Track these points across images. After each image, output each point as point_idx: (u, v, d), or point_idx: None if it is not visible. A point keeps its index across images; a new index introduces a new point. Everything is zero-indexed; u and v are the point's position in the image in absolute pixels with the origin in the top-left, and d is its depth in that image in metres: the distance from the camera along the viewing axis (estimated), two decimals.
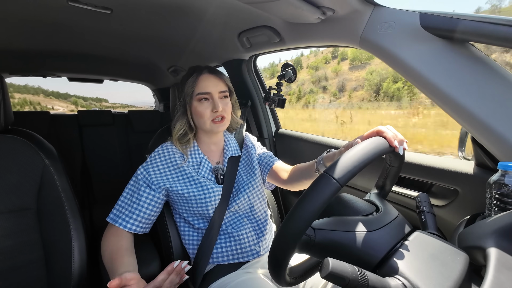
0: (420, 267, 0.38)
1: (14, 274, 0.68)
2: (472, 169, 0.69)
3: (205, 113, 0.78)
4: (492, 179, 0.51)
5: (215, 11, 0.94)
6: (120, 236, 0.72)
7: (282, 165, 0.89)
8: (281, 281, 0.44)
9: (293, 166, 0.85)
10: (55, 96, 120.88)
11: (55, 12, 0.94)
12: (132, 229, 0.73)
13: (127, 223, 0.73)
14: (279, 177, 0.86)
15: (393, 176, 0.59)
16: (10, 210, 0.70)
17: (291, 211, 0.39)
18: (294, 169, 0.83)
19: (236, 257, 0.78)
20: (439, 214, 0.77)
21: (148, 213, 0.75)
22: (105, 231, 0.75)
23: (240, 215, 0.82)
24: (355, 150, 0.44)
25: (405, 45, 0.64)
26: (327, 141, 1.14)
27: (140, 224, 0.74)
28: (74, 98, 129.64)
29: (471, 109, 0.57)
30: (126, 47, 1.41)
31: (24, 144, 0.74)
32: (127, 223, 0.73)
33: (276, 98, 1.10)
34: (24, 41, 1.26)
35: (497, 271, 0.34)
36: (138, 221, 0.74)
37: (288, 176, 0.84)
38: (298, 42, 0.97)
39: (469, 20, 0.54)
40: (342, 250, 0.42)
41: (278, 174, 0.87)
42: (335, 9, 0.72)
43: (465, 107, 0.57)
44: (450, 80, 0.59)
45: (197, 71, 0.81)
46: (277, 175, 0.87)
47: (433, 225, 0.51)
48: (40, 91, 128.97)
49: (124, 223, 0.73)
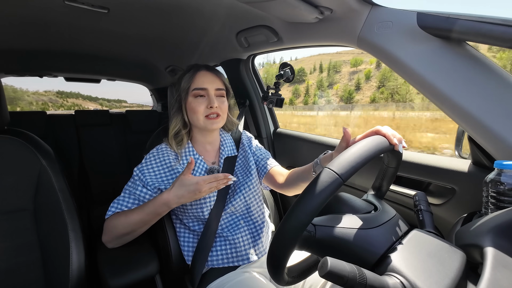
0: (418, 265, 0.38)
1: (11, 275, 0.68)
2: (468, 168, 0.70)
3: (199, 109, 0.77)
4: (488, 177, 0.51)
5: (213, 11, 0.94)
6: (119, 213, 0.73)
7: (279, 169, 0.88)
8: (280, 280, 0.44)
9: (290, 171, 0.84)
10: (88, 99, 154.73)
11: (52, 12, 0.93)
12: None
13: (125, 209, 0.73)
14: (275, 180, 0.86)
15: (390, 177, 0.59)
16: (6, 211, 0.70)
17: (294, 205, 0.39)
18: (291, 173, 0.82)
19: (231, 260, 0.77)
20: (437, 213, 0.77)
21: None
22: (104, 227, 0.74)
23: (236, 217, 0.82)
24: (357, 146, 0.44)
25: (403, 45, 0.64)
26: (325, 140, 1.15)
27: None
28: (101, 100, 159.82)
29: (468, 108, 0.57)
30: (123, 46, 1.41)
31: (21, 145, 0.73)
32: (126, 208, 0.73)
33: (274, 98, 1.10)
34: (21, 41, 1.25)
35: (494, 269, 0.34)
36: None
37: (285, 180, 0.83)
38: (296, 42, 0.97)
39: (466, 20, 0.55)
40: (341, 247, 0.43)
41: (274, 177, 0.86)
42: (333, 8, 0.72)
43: (462, 106, 0.58)
44: (447, 79, 0.60)
45: (195, 68, 0.81)
46: (274, 178, 0.86)
47: (431, 223, 0.52)
48: (79, 95, 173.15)
49: (124, 208, 0.73)
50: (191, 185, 0.67)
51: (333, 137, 1.18)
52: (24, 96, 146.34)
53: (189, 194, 0.68)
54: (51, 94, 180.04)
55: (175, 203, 0.69)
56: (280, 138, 1.42)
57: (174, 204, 0.69)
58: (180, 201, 0.69)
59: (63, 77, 2.11)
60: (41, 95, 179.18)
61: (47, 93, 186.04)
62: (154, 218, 0.71)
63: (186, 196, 0.68)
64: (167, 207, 0.69)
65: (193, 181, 0.67)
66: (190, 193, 0.67)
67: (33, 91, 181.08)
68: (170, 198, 0.68)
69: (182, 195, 0.68)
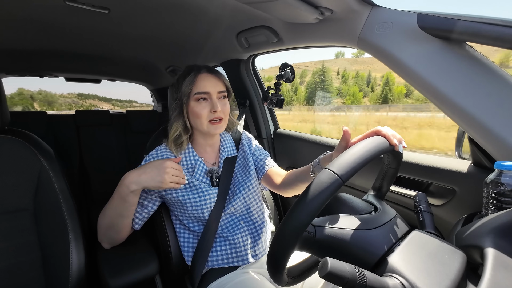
0: (418, 266, 0.38)
1: (11, 275, 0.68)
2: (469, 169, 0.70)
3: (202, 113, 0.75)
4: (489, 178, 0.51)
5: (214, 11, 0.94)
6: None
7: (277, 170, 0.87)
8: (280, 280, 0.43)
9: (288, 172, 0.84)
10: (103, 100, 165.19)
11: (52, 12, 0.93)
12: None
13: None
14: (273, 181, 0.85)
15: (391, 178, 0.59)
16: (6, 211, 0.70)
17: (293, 206, 0.39)
18: (289, 174, 0.82)
19: (231, 261, 0.77)
20: (437, 213, 0.77)
21: (140, 210, 0.75)
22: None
23: (236, 217, 0.82)
24: (357, 147, 0.44)
25: (403, 45, 0.64)
26: (325, 141, 1.15)
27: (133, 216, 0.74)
28: (113, 101, 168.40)
29: (468, 109, 0.57)
30: (123, 46, 1.41)
31: (21, 145, 0.73)
32: None
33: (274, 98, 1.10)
34: (21, 41, 1.25)
35: (494, 270, 0.34)
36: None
37: (282, 181, 0.82)
38: (296, 42, 0.97)
39: (466, 21, 0.55)
40: (341, 248, 0.43)
41: (272, 178, 0.85)
42: (333, 9, 0.72)
43: (462, 107, 0.58)
44: (447, 80, 0.59)
45: (195, 70, 0.78)
46: (271, 179, 0.85)
47: (431, 224, 0.52)
48: (96, 97, 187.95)
49: None
50: (160, 164, 0.68)
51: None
52: (56, 99, 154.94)
53: (151, 172, 0.67)
54: (73, 96, 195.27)
55: (133, 182, 0.66)
56: (280, 138, 1.42)
57: (132, 184, 0.65)
58: (140, 180, 0.66)
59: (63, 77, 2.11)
60: (65, 97, 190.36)
61: (70, 95, 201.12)
62: (121, 203, 0.68)
63: (147, 173, 0.67)
64: (125, 187, 0.66)
65: (164, 162, 0.68)
66: (153, 171, 0.67)
67: (59, 94, 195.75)
68: (129, 174, 0.67)
69: (144, 171, 0.67)
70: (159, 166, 0.68)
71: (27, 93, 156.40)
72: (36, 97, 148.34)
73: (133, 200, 0.69)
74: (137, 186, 0.67)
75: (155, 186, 0.68)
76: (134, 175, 0.67)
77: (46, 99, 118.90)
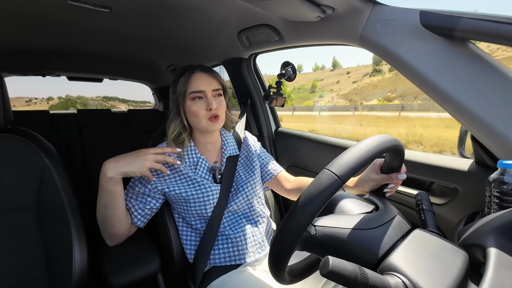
0: (420, 265, 0.38)
1: (15, 273, 0.68)
2: (471, 168, 0.70)
3: (199, 112, 0.77)
4: (491, 177, 0.51)
5: (215, 10, 0.94)
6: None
7: (286, 175, 0.93)
8: (281, 279, 0.44)
9: (297, 178, 0.89)
10: (122, 101, 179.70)
11: (54, 11, 0.94)
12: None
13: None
14: (282, 186, 0.91)
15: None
16: (10, 210, 0.70)
17: (293, 207, 0.39)
18: (300, 182, 0.87)
19: (233, 259, 0.77)
20: (439, 212, 0.77)
21: (142, 206, 0.76)
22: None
23: (238, 215, 0.82)
24: (357, 147, 0.44)
25: (405, 44, 0.64)
26: (327, 139, 1.14)
27: (135, 212, 0.76)
28: (129, 102, 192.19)
29: (471, 107, 0.57)
30: (125, 45, 1.41)
31: (24, 144, 0.74)
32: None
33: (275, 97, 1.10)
34: (24, 40, 1.26)
35: (497, 269, 0.34)
36: (134, 208, 0.76)
37: (292, 187, 0.88)
38: (298, 41, 0.96)
39: (469, 18, 0.54)
40: (342, 247, 0.43)
41: (281, 183, 0.91)
42: (335, 7, 0.71)
43: (465, 105, 0.57)
44: (450, 79, 0.59)
45: (189, 70, 0.80)
46: (280, 183, 0.91)
47: (433, 223, 0.51)
48: (116, 98, 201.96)
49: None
50: (141, 150, 0.70)
51: None
52: (88, 102, 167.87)
53: (130, 157, 0.68)
54: (99, 99, 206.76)
55: (110, 168, 0.66)
56: (281, 137, 1.41)
57: (109, 170, 0.65)
58: (117, 166, 0.66)
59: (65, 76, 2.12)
60: (94, 100, 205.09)
61: (97, 98, 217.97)
62: (104, 193, 0.69)
63: (125, 159, 0.68)
64: (103, 174, 0.66)
65: (146, 149, 0.71)
66: (131, 156, 0.68)
67: (90, 97, 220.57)
68: (107, 162, 0.67)
69: (123, 157, 0.68)
70: (138, 152, 0.70)
71: (72, 98, 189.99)
72: (77, 101, 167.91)
73: (113, 189, 0.68)
74: (114, 172, 0.66)
75: (134, 171, 0.68)
76: (112, 161, 0.68)
77: (83, 102, 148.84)
